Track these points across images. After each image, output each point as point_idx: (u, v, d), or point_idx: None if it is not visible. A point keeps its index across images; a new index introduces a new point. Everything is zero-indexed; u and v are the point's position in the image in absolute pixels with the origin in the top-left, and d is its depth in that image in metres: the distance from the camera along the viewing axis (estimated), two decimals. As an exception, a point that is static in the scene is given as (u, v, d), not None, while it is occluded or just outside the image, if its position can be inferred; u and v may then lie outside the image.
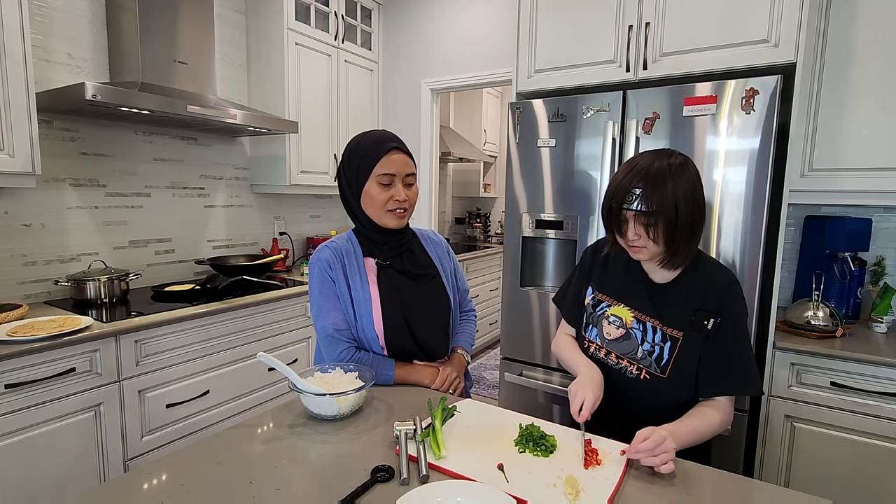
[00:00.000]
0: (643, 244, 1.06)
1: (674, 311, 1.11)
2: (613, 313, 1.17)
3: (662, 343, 1.11)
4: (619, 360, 1.15)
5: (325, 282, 1.28)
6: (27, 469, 1.53)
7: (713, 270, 1.12)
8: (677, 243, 1.04)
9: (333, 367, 1.23)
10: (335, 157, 2.99)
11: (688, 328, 1.09)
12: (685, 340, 1.09)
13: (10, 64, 1.62)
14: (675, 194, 1.01)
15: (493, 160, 5.02)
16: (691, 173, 1.04)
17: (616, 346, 1.16)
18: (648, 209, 1.01)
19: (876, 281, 1.99)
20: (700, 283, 1.10)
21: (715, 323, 1.07)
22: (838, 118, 1.82)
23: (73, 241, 2.11)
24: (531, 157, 1.98)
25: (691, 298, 1.10)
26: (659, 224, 1.02)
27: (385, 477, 0.87)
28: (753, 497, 0.87)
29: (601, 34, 1.89)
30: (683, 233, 1.03)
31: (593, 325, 1.21)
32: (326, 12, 2.86)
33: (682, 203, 1.01)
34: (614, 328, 1.16)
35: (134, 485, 0.85)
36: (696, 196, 1.04)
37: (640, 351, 1.13)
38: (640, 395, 1.14)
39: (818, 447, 1.67)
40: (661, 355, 1.11)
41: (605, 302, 1.20)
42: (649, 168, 1.03)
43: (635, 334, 1.14)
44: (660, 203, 1.01)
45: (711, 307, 1.08)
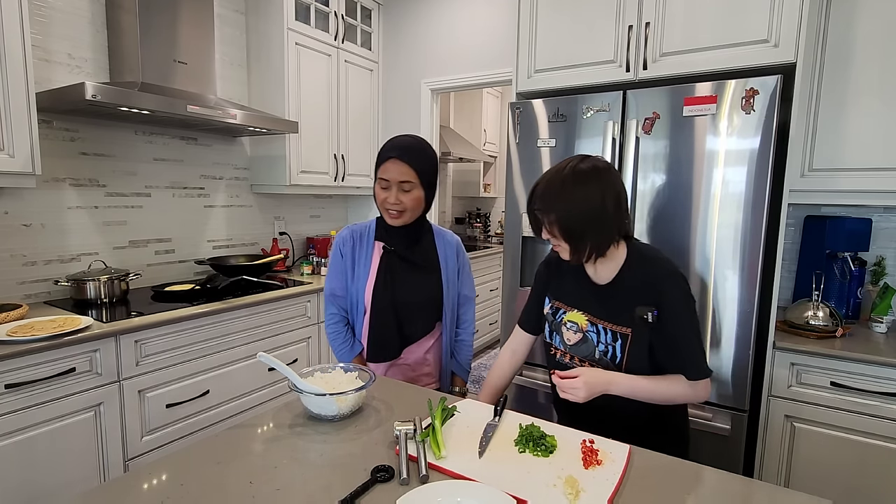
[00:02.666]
0: (554, 242, 1.13)
1: (618, 308, 1.15)
2: (570, 319, 1.22)
3: (614, 342, 1.15)
4: (582, 363, 1.20)
5: (336, 254, 1.50)
6: (27, 469, 1.53)
7: (649, 264, 1.15)
8: (577, 240, 1.09)
9: (333, 367, 1.23)
10: (335, 157, 2.99)
11: (633, 324, 1.13)
12: (634, 335, 1.13)
13: (10, 64, 1.62)
14: (566, 195, 1.07)
15: (493, 160, 5.02)
16: (592, 178, 1.08)
17: (576, 349, 1.21)
18: (542, 208, 1.10)
19: (876, 281, 1.99)
20: (637, 278, 1.14)
21: (653, 315, 1.11)
22: (838, 118, 1.82)
23: (73, 241, 2.11)
24: (531, 157, 1.98)
25: (631, 294, 1.14)
26: (555, 223, 1.09)
27: (385, 477, 0.87)
28: (753, 497, 0.87)
29: (601, 34, 1.89)
30: (579, 230, 1.08)
31: (555, 332, 1.26)
32: (326, 12, 2.86)
33: (576, 202, 1.07)
34: (572, 333, 1.21)
35: (134, 485, 0.85)
36: (592, 198, 1.07)
37: (596, 352, 1.18)
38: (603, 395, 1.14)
39: (818, 447, 1.67)
40: (615, 354, 1.15)
41: (561, 309, 1.25)
42: (549, 171, 1.13)
43: (591, 337, 1.18)
44: (550, 203, 1.09)
45: (649, 300, 1.11)
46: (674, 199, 1.70)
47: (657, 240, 1.74)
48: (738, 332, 1.64)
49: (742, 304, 1.62)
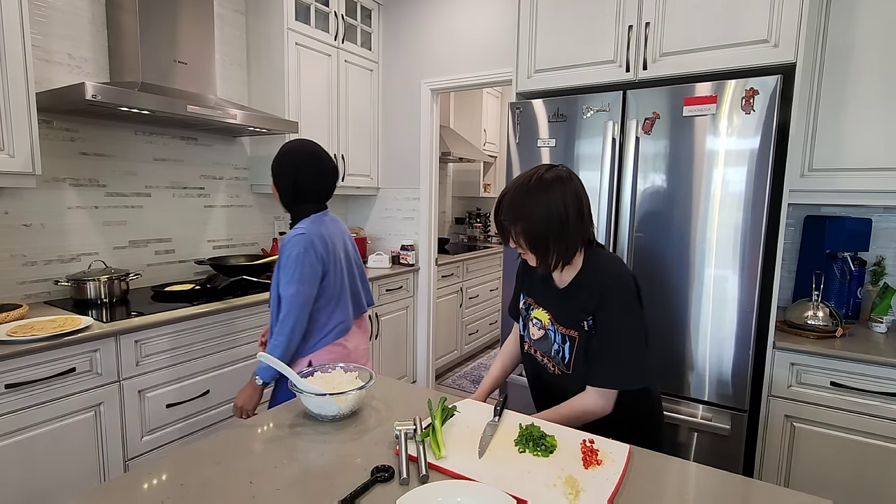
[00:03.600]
0: (521, 251, 1.17)
1: (569, 312, 1.19)
2: (536, 316, 1.28)
3: (563, 343, 1.20)
4: (543, 357, 1.27)
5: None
6: (27, 469, 1.53)
7: (598, 272, 1.16)
8: (542, 250, 1.12)
9: (333, 367, 1.23)
10: (335, 158, 2.99)
11: (578, 328, 1.17)
12: (579, 339, 1.17)
13: (10, 64, 1.62)
14: (530, 206, 1.10)
15: (493, 160, 5.01)
16: (555, 188, 1.10)
17: (539, 345, 1.27)
18: (506, 219, 1.14)
19: (876, 281, 1.99)
20: (586, 285, 1.17)
21: (588, 324, 1.15)
22: (838, 118, 1.82)
23: (73, 241, 2.11)
24: (531, 157, 1.98)
25: (580, 300, 1.17)
26: (520, 233, 1.12)
27: (385, 477, 0.87)
28: (753, 497, 0.87)
29: (601, 34, 1.89)
30: (543, 240, 1.11)
31: (525, 326, 1.32)
32: (326, 12, 2.86)
33: (536, 212, 1.10)
34: (537, 329, 1.27)
35: (134, 485, 0.85)
36: (552, 208, 1.09)
37: (552, 350, 1.24)
38: (559, 388, 1.23)
39: (818, 447, 1.67)
40: (564, 354, 1.20)
41: (531, 305, 1.30)
42: (514, 181, 1.15)
43: (550, 335, 1.24)
44: (515, 214, 1.12)
45: (590, 307, 1.15)
46: (674, 199, 1.70)
47: (657, 240, 1.74)
48: (738, 332, 1.64)
49: (742, 304, 1.62)
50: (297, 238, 1.47)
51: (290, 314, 1.46)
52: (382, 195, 3.43)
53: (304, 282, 1.46)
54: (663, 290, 1.74)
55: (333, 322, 1.56)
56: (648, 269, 1.76)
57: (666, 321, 1.74)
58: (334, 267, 1.55)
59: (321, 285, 1.52)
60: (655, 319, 1.75)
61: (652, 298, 1.76)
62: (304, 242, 1.47)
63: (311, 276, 1.48)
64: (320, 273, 1.51)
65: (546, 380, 1.28)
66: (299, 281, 1.46)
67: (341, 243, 1.63)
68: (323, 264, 1.51)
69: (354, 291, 1.68)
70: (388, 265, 3.18)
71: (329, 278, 1.54)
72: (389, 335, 3.14)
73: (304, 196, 1.57)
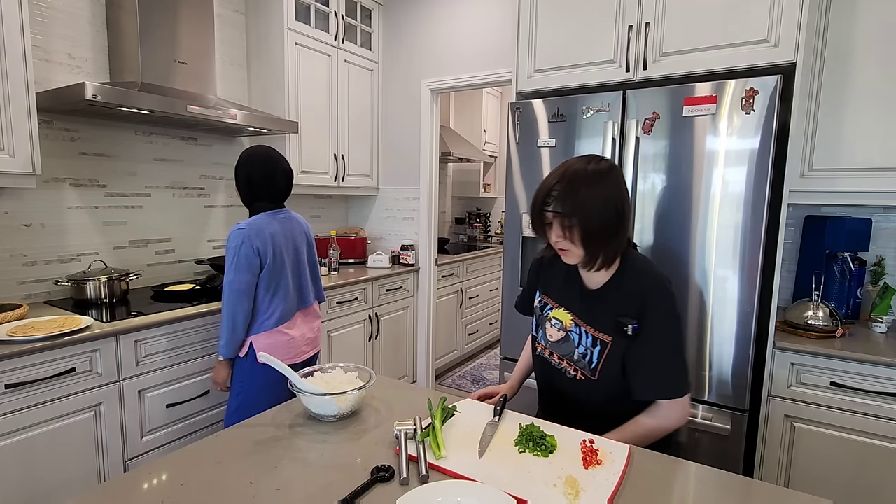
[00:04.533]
0: (566, 246, 1.08)
1: (603, 316, 1.13)
2: (555, 316, 1.21)
3: (593, 347, 1.14)
4: (560, 360, 1.20)
5: None
6: (27, 469, 1.53)
7: (638, 275, 1.12)
8: (595, 245, 1.06)
9: (333, 367, 1.23)
10: (335, 157, 2.99)
11: (614, 333, 1.11)
12: (613, 345, 1.11)
13: (10, 64, 1.62)
14: (591, 198, 1.03)
15: (493, 160, 5.01)
16: (610, 179, 1.06)
17: (557, 347, 1.21)
18: (563, 211, 1.04)
19: (876, 281, 1.99)
20: (625, 289, 1.12)
21: (633, 329, 1.08)
22: (838, 118, 1.82)
23: (73, 241, 2.11)
24: (531, 157, 1.98)
25: (617, 303, 1.12)
26: (575, 226, 1.04)
27: (385, 477, 0.87)
28: (753, 497, 0.87)
29: (601, 34, 1.89)
30: (599, 235, 1.05)
31: (540, 327, 1.26)
32: (326, 12, 2.86)
33: (596, 207, 1.03)
34: (555, 330, 1.21)
35: (134, 485, 0.85)
36: (612, 201, 1.05)
37: (576, 353, 1.17)
38: (576, 394, 1.19)
39: (818, 447, 1.67)
40: (592, 359, 1.14)
41: (549, 305, 1.24)
42: (567, 171, 1.07)
43: (573, 337, 1.17)
44: (574, 206, 1.03)
45: (632, 312, 1.09)
46: (674, 199, 1.70)
47: (657, 240, 1.74)
48: (738, 332, 1.64)
49: (742, 304, 1.62)
50: (238, 232, 1.66)
51: (228, 299, 1.65)
52: (382, 195, 3.43)
53: (241, 270, 1.64)
54: (663, 290, 1.74)
55: (272, 310, 1.72)
56: (648, 269, 1.76)
57: (666, 321, 1.74)
58: (273, 260, 1.71)
59: (259, 276, 1.69)
60: (655, 319, 1.75)
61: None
62: (243, 236, 1.65)
63: (246, 266, 1.65)
64: (257, 265, 1.67)
65: (560, 385, 1.22)
66: (236, 270, 1.64)
67: (290, 240, 1.80)
68: (260, 257, 1.67)
69: (300, 285, 1.84)
70: (388, 265, 3.18)
71: (266, 270, 1.69)
72: (389, 335, 3.14)
73: (258, 196, 1.77)
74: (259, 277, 1.69)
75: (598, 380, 1.13)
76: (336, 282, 2.66)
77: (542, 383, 1.30)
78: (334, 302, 2.67)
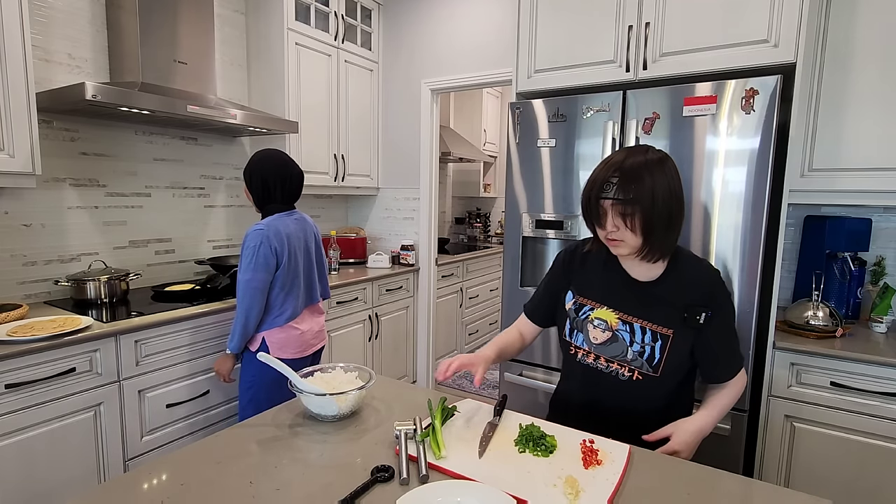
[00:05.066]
0: (621, 237, 1.05)
1: (662, 308, 1.10)
2: (598, 316, 1.15)
3: (653, 342, 1.10)
4: (609, 363, 1.15)
5: None
6: (27, 469, 1.53)
7: (696, 264, 1.13)
8: (655, 234, 1.04)
9: (333, 366, 1.23)
10: (335, 157, 2.99)
11: (679, 324, 1.09)
12: (676, 337, 1.09)
13: (10, 64, 1.62)
14: (651, 185, 1.01)
15: (493, 160, 5.01)
16: (669, 168, 1.05)
17: (604, 349, 1.15)
18: (625, 198, 1.02)
19: (876, 281, 1.99)
20: (686, 279, 1.11)
21: (706, 317, 1.08)
22: (838, 118, 1.82)
23: (73, 241, 2.11)
24: (531, 157, 1.98)
25: (679, 294, 1.10)
26: (636, 213, 1.02)
27: (385, 477, 0.87)
28: (753, 497, 0.87)
29: (601, 34, 1.89)
30: (661, 223, 1.03)
31: (578, 331, 1.19)
32: (326, 12, 2.86)
33: (658, 193, 1.01)
34: (600, 332, 1.15)
35: (134, 485, 0.85)
36: (672, 189, 1.04)
37: (629, 352, 1.12)
38: (634, 397, 1.14)
39: (818, 447, 1.67)
40: (653, 355, 1.10)
41: (587, 305, 1.18)
42: (625, 161, 1.04)
43: (622, 336, 1.13)
44: (636, 192, 1.01)
45: (700, 301, 1.09)
46: (674, 199, 1.70)
47: (657, 240, 1.74)
48: (738, 332, 1.63)
49: (742, 304, 1.62)
50: (256, 232, 1.70)
51: (244, 297, 1.69)
52: (382, 195, 3.43)
53: (258, 269, 1.68)
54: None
55: (285, 308, 1.77)
56: (648, 269, 1.76)
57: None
58: (288, 260, 1.76)
59: (275, 275, 1.73)
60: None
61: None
62: (261, 236, 1.69)
63: (264, 265, 1.69)
64: (274, 264, 1.72)
65: (610, 390, 1.15)
66: (254, 269, 1.68)
67: (302, 241, 1.85)
68: (276, 257, 1.72)
69: (309, 284, 1.89)
70: (388, 265, 3.18)
71: (282, 269, 1.74)
72: (389, 335, 3.14)
73: (272, 198, 1.81)
74: (275, 276, 1.73)
75: (661, 375, 1.10)
76: (336, 282, 2.66)
77: (583, 393, 1.20)
78: (334, 302, 2.67)
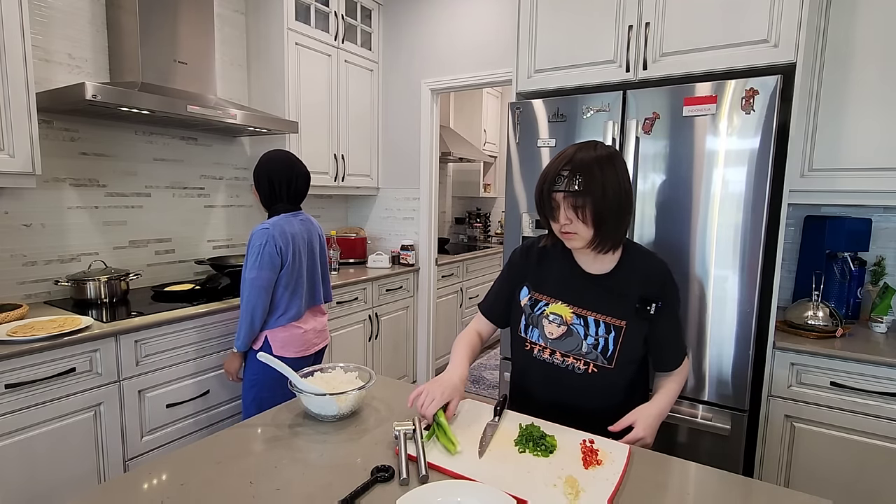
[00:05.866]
0: (575, 229, 1.08)
1: (615, 300, 1.14)
2: (553, 311, 1.18)
3: (607, 334, 1.14)
4: (565, 357, 1.17)
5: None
6: (27, 469, 1.53)
7: (646, 257, 1.18)
8: (607, 226, 1.07)
9: (333, 367, 1.23)
10: (335, 157, 2.99)
11: (632, 316, 1.13)
12: (629, 328, 1.13)
13: (10, 64, 1.62)
14: (601, 177, 1.04)
15: (493, 160, 5.02)
16: (618, 163, 1.08)
17: (559, 344, 1.17)
18: (577, 190, 1.05)
19: (876, 281, 1.99)
20: (637, 271, 1.15)
21: (657, 307, 1.13)
22: (838, 118, 1.82)
23: (73, 241, 2.11)
24: (531, 157, 1.98)
25: (631, 286, 1.14)
26: (588, 205, 1.05)
27: (385, 477, 0.87)
28: (753, 497, 0.87)
29: (601, 34, 1.89)
30: (612, 215, 1.06)
31: (534, 327, 1.21)
32: (326, 12, 2.86)
33: (608, 185, 1.04)
34: (555, 326, 1.17)
35: (134, 485, 0.85)
36: (621, 182, 1.07)
37: (584, 346, 1.15)
38: (590, 389, 1.16)
39: (818, 447, 1.67)
40: (607, 346, 1.14)
41: (542, 301, 1.20)
42: (575, 155, 1.07)
43: (577, 330, 1.16)
44: (587, 184, 1.04)
45: (651, 292, 1.13)
46: (674, 199, 1.70)
47: (657, 240, 1.74)
48: (738, 332, 1.64)
49: (742, 304, 1.62)
50: (262, 231, 1.71)
51: (250, 295, 1.70)
52: (382, 195, 3.43)
53: (263, 268, 1.69)
54: (663, 290, 1.74)
55: (288, 307, 1.78)
56: (648, 269, 1.76)
57: (666, 321, 1.74)
58: (293, 260, 1.77)
59: (279, 273, 1.74)
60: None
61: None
62: (267, 235, 1.70)
63: (269, 264, 1.70)
64: (279, 263, 1.73)
65: (567, 385, 1.17)
66: (259, 267, 1.69)
67: (306, 242, 1.85)
68: (281, 256, 1.73)
69: (312, 285, 1.90)
70: (388, 265, 3.18)
71: (287, 269, 1.75)
72: (389, 335, 3.14)
73: (278, 197, 1.82)
74: (279, 275, 1.74)
75: (616, 366, 1.13)
76: (336, 282, 2.66)
77: (545, 392, 1.21)
78: (334, 302, 2.67)
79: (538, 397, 1.23)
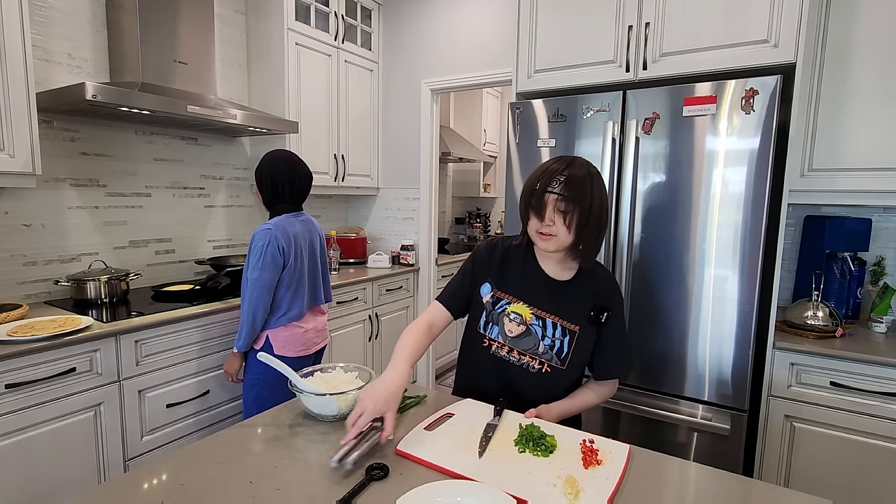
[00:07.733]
0: (555, 231, 1.12)
1: (573, 306, 1.20)
2: (514, 310, 1.21)
3: (562, 337, 1.19)
4: (522, 356, 1.21)
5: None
6: (27, 469, 1.53)
7: (601, 270, 1.25)
8: (587, 238, 1.13)
9: (333, 367, 1.23)
10: (335, 157, 2.99)
11: (585, 322, 1.20)
12: (582, 333, 1.19)
13: (10, 64, 1.62)
14: (591, 192, 1.11)
15: (493, 160, 5.01)
16: (602, 183, 1.15)
17: (518, 342, 1.21)
18: (570, 195, 1.09)
19: (876, 281, 1.99)
20: (595, 281, 1.22)
21: (607, 316, 1.20)
22: (838, 118, 1.82)
23: (73, 241, 2.11)
24: (531, 157, 1.98)
25: (587, 294, 1.21)
26: (575, 213, 1.10)
27: (379, 475, 0.87)
28: (753, 497, 0.87)
29: (601, 34, 1.89)
30: (593, 229, 1.12)
31: (493, 324, 1.23)
32: (326, 12, 2.86)
33: (596, 201, 1.11)
34: (515, 325, 1.21)
35: (134, 485, 0.85)
36: (604, 202, 1.14)
37: (541, 346, 1.20)
38: (542, 388, 1.20)
39: (818, 447, 1.67)
40: (562, 349, 1.19)
41: (504, 299, 1.22)
42: (572, 164, 1.13)
43: (535, 330, 1.20)
44: (581, 191, 1.10)
45: (604, 302, 1.20)
46: (673, 199, 1.70)
47: (657, 240, 1.74)
48: (738, 332, 1.64)
49: (742, 304, 1.62)
50: (264, 232, 1.72)
51: (252, 295, 1.71)
52: (382, 195, 3.43)
53: (266, 268, 1.70)
54: (663, 289, 1.74)
55: (290, 307, 1.79)
56: (648, 269, 1.76)
57: (665, 321, 1.74)
58: (295, 260, 1.78)
59: (281, 274, 1.75)
60: (655, 319, 1.75)
61: (651, 298, 1.76)
62: (269, 236, 1.71)
63: (271, 264, 1.71)
64: (281, 263, 1.74)
65: (519, 382, 1.20)
66: (262, 267, 1.70)
67: (308, 243, 1.87)
68: (283, 256, 1.74)
69: (313, 285, 1.92)
70: (388, 265, 3.18)
71: (289, 269, 1.76)
72: (389, 335, 3.14)
73: (281, 197, 1.82)
74: (281, 276, 1.75)
75: (567, 368, 1.19)
76: (336, 282, 2.66)
77: (491, 383, 1.23)
78: (334, 302, 2.67)
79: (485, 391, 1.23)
